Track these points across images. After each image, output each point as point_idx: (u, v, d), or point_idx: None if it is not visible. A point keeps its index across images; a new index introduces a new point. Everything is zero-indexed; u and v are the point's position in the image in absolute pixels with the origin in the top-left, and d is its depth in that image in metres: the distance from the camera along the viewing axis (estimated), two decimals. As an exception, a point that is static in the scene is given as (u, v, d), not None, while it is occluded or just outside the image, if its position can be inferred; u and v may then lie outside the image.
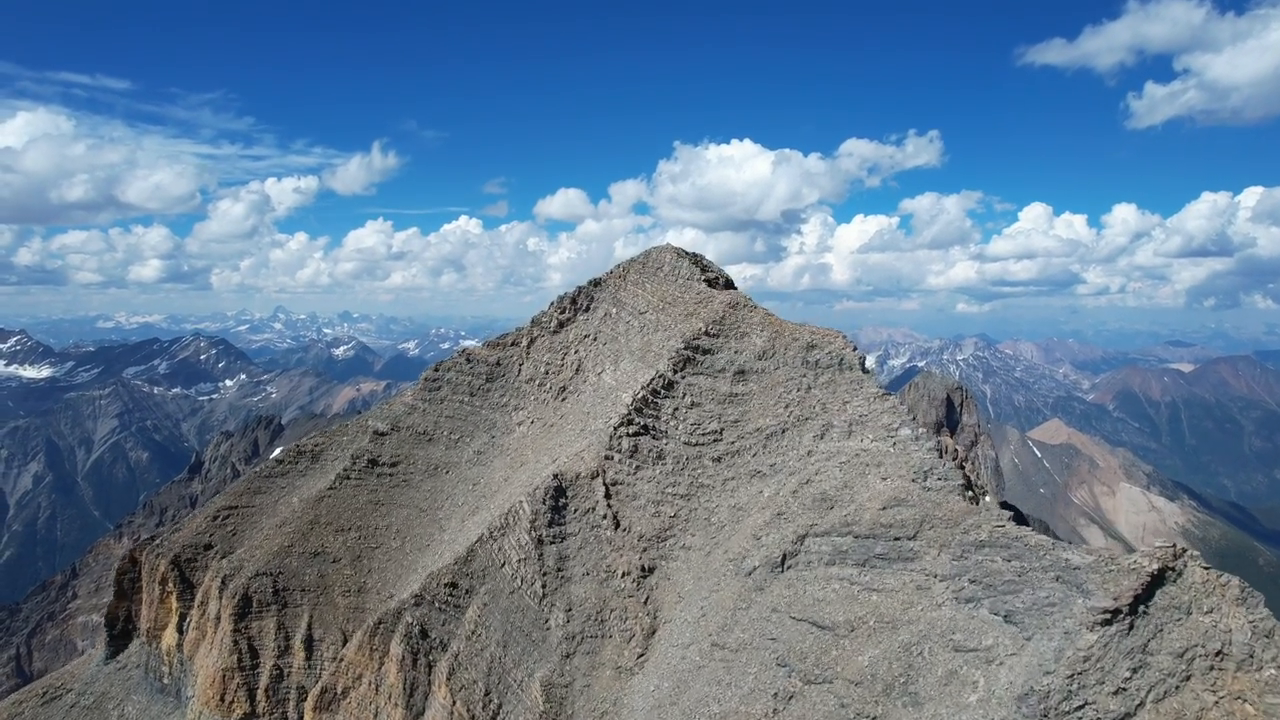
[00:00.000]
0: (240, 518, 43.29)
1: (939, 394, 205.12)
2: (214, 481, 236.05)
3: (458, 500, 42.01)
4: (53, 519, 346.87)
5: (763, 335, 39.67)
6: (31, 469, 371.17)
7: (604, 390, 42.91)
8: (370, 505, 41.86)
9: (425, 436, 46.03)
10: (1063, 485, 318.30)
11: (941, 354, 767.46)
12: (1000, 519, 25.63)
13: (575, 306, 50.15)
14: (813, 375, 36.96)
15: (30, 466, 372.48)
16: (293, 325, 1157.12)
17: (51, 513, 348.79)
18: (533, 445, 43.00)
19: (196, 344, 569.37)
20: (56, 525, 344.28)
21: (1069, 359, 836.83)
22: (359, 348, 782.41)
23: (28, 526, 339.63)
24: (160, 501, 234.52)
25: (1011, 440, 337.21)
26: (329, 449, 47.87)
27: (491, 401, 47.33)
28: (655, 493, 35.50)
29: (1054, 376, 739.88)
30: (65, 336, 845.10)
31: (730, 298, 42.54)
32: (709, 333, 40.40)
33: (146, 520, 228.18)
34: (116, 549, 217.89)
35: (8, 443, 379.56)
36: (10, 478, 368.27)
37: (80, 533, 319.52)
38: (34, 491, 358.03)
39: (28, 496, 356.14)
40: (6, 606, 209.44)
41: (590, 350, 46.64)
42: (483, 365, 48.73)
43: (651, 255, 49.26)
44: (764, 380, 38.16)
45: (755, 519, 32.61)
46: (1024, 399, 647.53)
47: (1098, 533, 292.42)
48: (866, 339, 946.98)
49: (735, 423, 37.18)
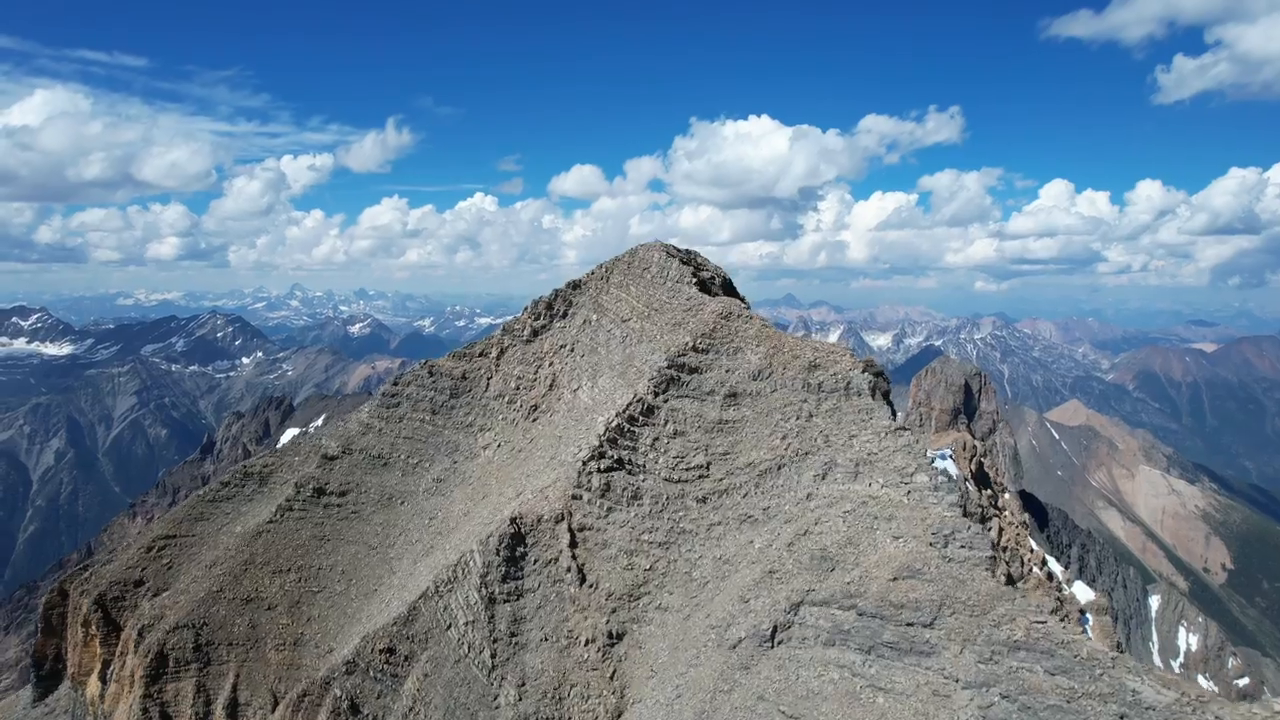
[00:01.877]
0: (178, 549, 38.79)
1: (957, 380, 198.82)
2: (225, 461, 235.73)
3: (412, 537, 37.45)
4: (74, 494, 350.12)
5: (758, 351, 34.57)
6: (53, 445, 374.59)
7: (579, 411, 38.10)
8: (314, 541, 37.32)
9: (380, 461, 41.18)
10: (1081, 468, 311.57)
11: (959, 333, 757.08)
12: (1040, 612, 20.52)
13: (551, 312, 45.20)
14: (815, 400, 31.88)
15: (52, 443, 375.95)
16: (309, 303, 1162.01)
17: (73, 488, 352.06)
18: (498, 474, 38.29)
19: (213, 321, 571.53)
20: (78, 501, 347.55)
21: (1088, 338, 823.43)
22: (375, 325, 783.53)
23: (50, 502, 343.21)
24: (174, 481, 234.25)
25: (1029, 422, 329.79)
26: (279, 470, 43.13)
27: (455, 421, 42.44)
28: (629, 540, 30.55)
29: (1073, 356, 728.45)
30: (86, 314, 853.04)
31: (723, 306, 37.47)
32: (697, 347, 35.40)
33: (160, 499, 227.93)
34: (131, 527, 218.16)
35: (30, 419, 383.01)
36: (33, 454, 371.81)
37: (101, 508, 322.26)
38: (56, 467, 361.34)
39: (50, 472, 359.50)
40: (25, 584, 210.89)
41: (566, 363, 41.81)
42: (447, 379, 43.72)
43: (638, 254, 44.15)
44: (759, 405, 33.11)
45: (743, 576, 27.76)
46: (1042, 379, 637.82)
47: (1116, 516, 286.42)
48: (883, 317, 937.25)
49: (724, 455, 32.17)
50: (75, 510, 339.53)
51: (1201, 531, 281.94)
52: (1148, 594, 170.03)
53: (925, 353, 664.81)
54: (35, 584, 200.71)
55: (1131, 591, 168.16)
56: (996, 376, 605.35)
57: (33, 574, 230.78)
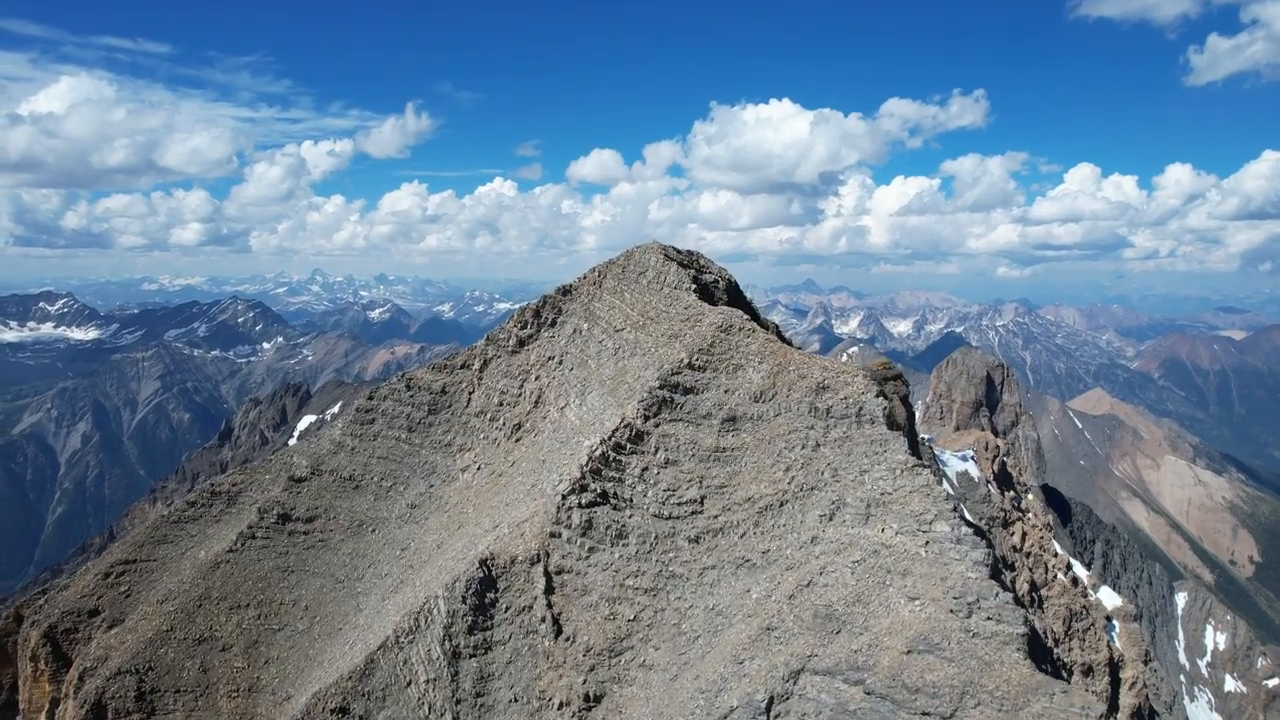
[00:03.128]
0: (137, 575, 36.12)
1: (979, 371, 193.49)
2: (243, 448, 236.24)
3: (381, 569, 34.64)
4: (100, 477, 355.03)
5: (761, 369, 30.92)
6: (80, 428, 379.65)
7: (565, 431, 34.96)
8: (276, 574, 34.56)
9: (351, 483, 38.06)
10: (1104, 458, 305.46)
11: (980, 319, 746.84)
12: (1088, 716, 17.11)
13: (539, 320, 41.50)
14: (822, 428, 28.33)
15: (79, 426, 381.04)
16: (330, 288, 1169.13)
17: (99, 471, 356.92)
18: (476, 501, 35.29)
19: (235, 307, 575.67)
20: (104, 483, 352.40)
21: (1113, 325, 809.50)
22: (394, 310, 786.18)
23: (77, 484, 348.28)
24: (192, 467, 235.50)
25: (1051, 411, 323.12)
26: (248, 490, 40.19)
27: (433, 440, 39.29)
28: (612, 585, 27.29)
29: (1097, 343, 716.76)
30: (112, 299, 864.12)
31: (723, 318, 33.59)
32: (693, 364, 31.71)
33: (180, 485, 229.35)
34: (151, 513, 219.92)
35: (57, 403, 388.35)
36: (60, 437, 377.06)
37: (126, 491, 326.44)
38: (82, 450, 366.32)
39: (77, 455, 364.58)
40: (50, 567, 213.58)
41: (554, 377, 38.48)
42: (425, 394, 40.47)
43: (634, 257, 40.52)
44: (760, 431, 29.62)
45: (738, 631, 24.43)
46: (1065, 366, 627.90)
47: (1140, 507, 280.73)
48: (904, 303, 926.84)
49: (721, 489, 28.82)
50: (102, 493, 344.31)
51: (1228, 524, 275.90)
52: (1173, 591, 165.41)
53: (946, 339, 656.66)
54: (60, 566, 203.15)
55: (1157, 589, 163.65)
56: (1018, 364, 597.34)
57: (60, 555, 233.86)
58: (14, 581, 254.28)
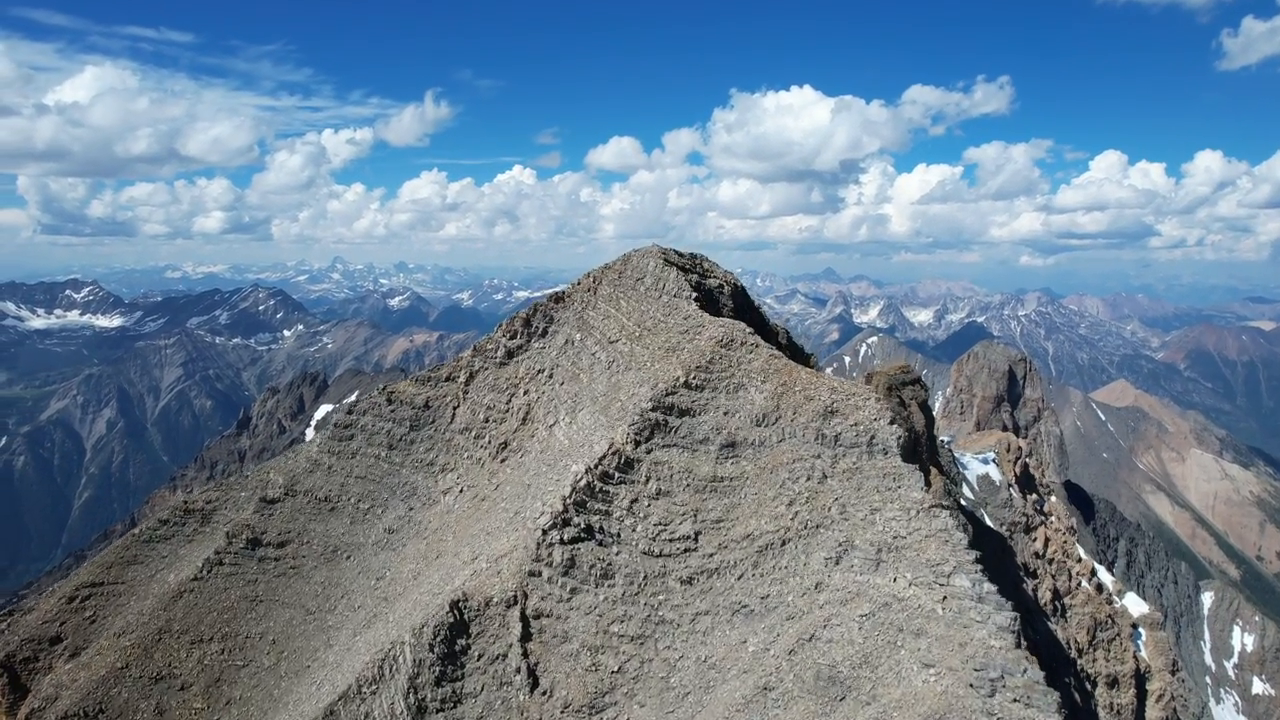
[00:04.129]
0: (104, 599, 34.20)
1: (1000, 365, 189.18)
2: (261, 437, 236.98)
3: (355, 600, 32.35)
4: (125, 463, 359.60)
5: (764, 390, 28.31)
6: (105, 414, 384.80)
7: (553, 452, 32.37)
8: (244, 604, 32.37)
9: (327, 505, 35.84)
10: (1128, 450, 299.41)
11: (1002, 309, 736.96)
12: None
13: (529, 330, 39.09)
14: (830, 457, 25.64)
15: (104, 412, 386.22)
16: (350, 275, 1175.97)
17: (124, 457, 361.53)
18: (456, 528, 32.83)
19: (256, 295, 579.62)
20: (129, 469, 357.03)
21: (1138, 315, 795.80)
22: (414, 298, 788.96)
23: (103, 470, 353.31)
24: (211, 455, 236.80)
25: (1074, 402, 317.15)
26: (223, 508, 38.07)
27: (415, 458, 36.99)
28: (595, 632, 24.86)
29: (1121, 334, 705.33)
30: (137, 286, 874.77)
31: (723, 332, 30.98)
32: (690, 383, 29.00)
33: (199, 474, 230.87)
34: (171, 500, 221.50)
35: (83, 389, 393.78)
36: (86, 423, 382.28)
37: (150, 476, 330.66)
38: (108, 436, 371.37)
39: (102, 441, 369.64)
40: (74, 552, 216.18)
41: (543, 392, 36.07)
42: (407, 408, 38.15)
43: (631, 262, 38.07)
44: (762, 458, 27.07)
45: (732, 689, 21.74)
46: (1088, 357, 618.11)
47: (1165, 501, 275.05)
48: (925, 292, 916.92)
49: (717, 524, 26.18)
50: (126, 478, 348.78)
51: (1256, 518, 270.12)
52: (1200, 590, 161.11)
53: (968, 329, 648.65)
54: (83, 552, 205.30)
55: (1183, 588, 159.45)
56: (1040, 354, 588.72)
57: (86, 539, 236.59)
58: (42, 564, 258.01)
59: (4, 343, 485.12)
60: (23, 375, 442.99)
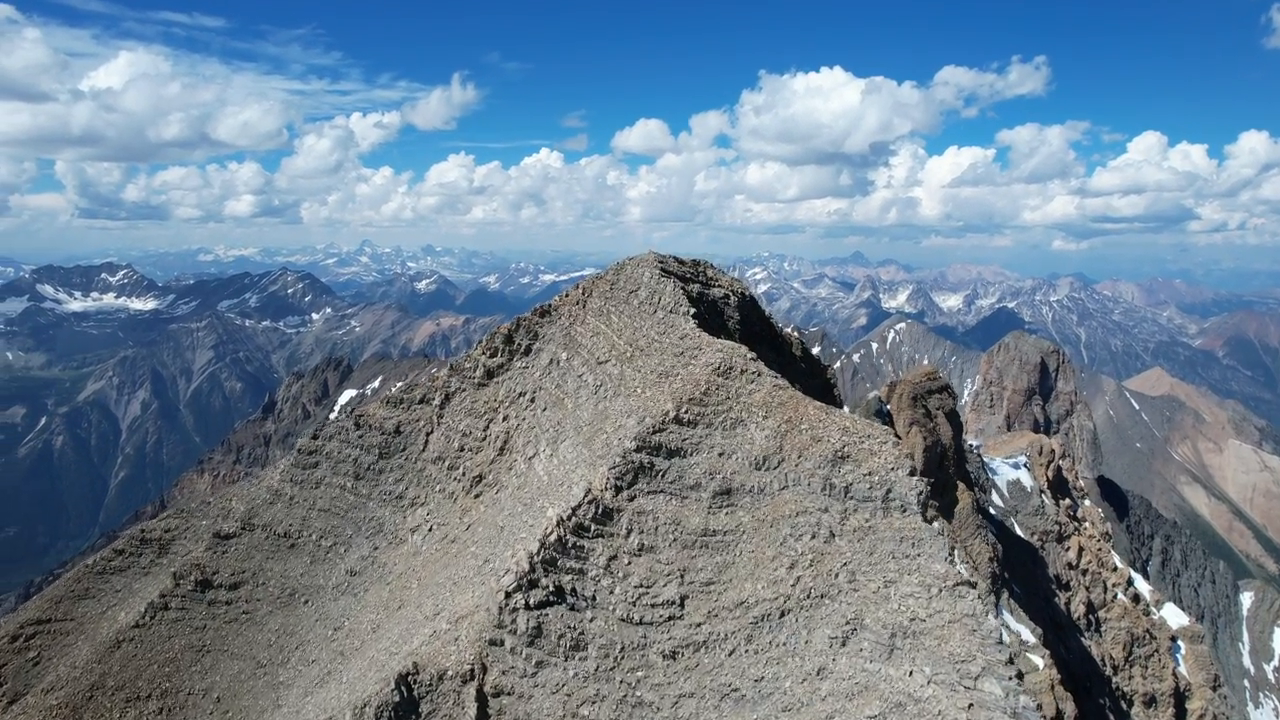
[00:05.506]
0: (50, 638, 31.50)
1: (1032, 357, 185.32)
2: (286, 421, 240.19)
3: (309, 653, 29.41)
4: (159, 443, 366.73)
5: (765, 427, 25.06)
6: (139, 396, 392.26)
7: (531, 489, 29.39)
8: (189, 655, 29.66)
9: (286, 541, 32.97)
10: (1163, 440, 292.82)
11: (1034, 294, 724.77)
12: None
13: (511, 347, 35.48)
14: (839, 512, 22.93)
15: (138, 394, 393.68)
16: (378, 259, 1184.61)
17: (158, 437, 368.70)
18: (422, 573, 30.05)
19: (285, 278, 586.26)
20: (163, 449, 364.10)
21: (1174, 301, 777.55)
22: (441, 281, 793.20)
23: (138, 450, 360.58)
24: (237, 440, 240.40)
25: (1107, 391, 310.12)
26: (182, 538, 35.01)
27: (382, 490, 33.91)
28: (562, 715, 22.08)
29: (1157, 320, 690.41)
30: (171, 269, 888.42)
31: (721, 357, 27.23)
32: (681, 418, 25.56)
33: (225, 457, 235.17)
34: (199, 483, 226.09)
35: (119, 371, 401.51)
36: (121, 404, 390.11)
37: (183, 456, 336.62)
38: (142, 417, 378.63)
39: (137, 422, 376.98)
40: (106, 534, 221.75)
41: (524, 418, 32.88)
42: (376, 434, 34.92)
43: (625, 271, 34.50)
44: (761, 508, 24.12)
45: (719, 794, 20.06)
46: (1122, 343, 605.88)
47: (1201, 493, 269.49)
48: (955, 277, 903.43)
49: (707, 587, 23.42)
50: (160, 458, 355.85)
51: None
52: (1239, 590, 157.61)
53: (998, 315, 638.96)
54: (115, 533, 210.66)
55: (1220, 588, 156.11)
56: (1072, 341, 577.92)
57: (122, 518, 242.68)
58: (80, 542, 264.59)
59: (43, 325, 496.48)
60: (61, 357, 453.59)
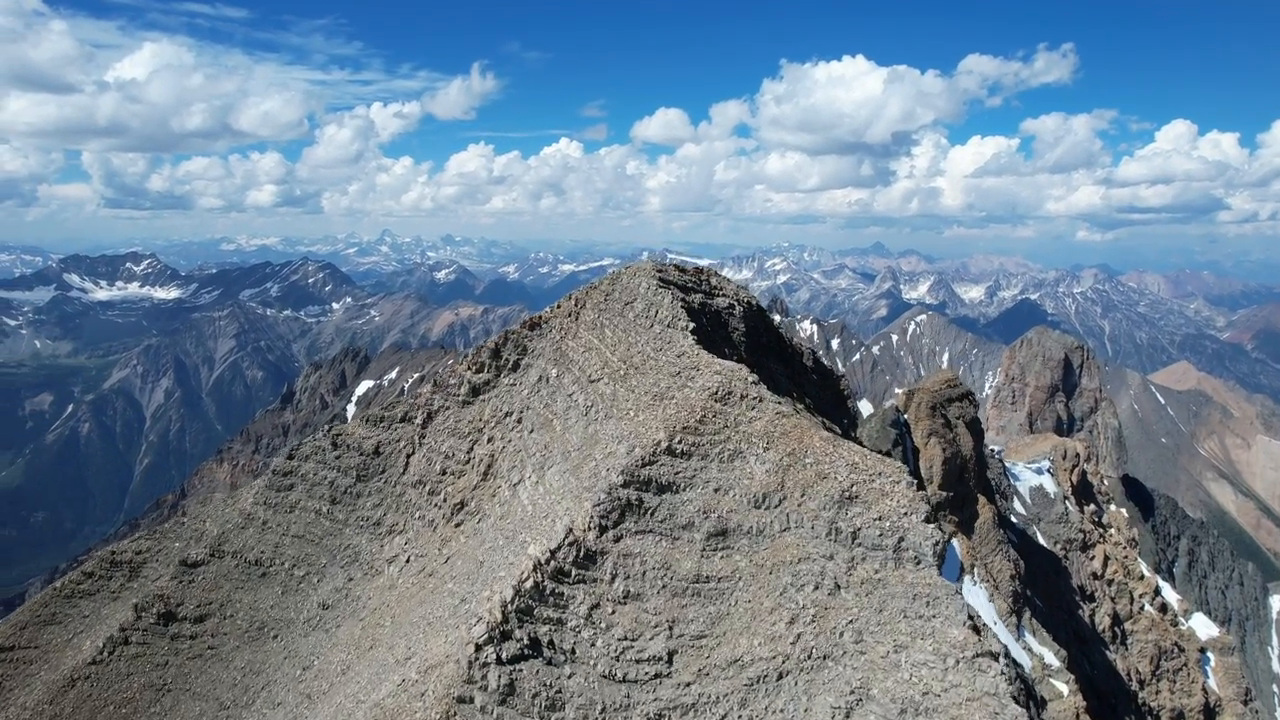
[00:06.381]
0: (12, 667, 30.22)
1: (1055, 353, 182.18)
2: (304, 411, 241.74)
3: (276, 694, 27.78)
4: (182, 431, 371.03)
5: (766, 461, 22.99)
6: (163, 384, 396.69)
7: (514, 520, 27.61)
8: (148, 694, 28.09)
9: (258, 569, 31.30)
10: (1189, 436, 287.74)
11: (1057, 285, 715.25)
12: None
13: (499, 363, 33.46)
14: (845, 560, 21.03)
15: (162, 382, 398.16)
16: (398, 248, 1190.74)
17: (181, 425, 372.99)
18: (396, 610, 28.30)
19: (305, 268, 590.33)
20: (185, 437, 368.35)
21: (1202, 293, 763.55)
22: (460, 271, 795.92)
23: (161, 438, 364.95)
24: (256, 429, 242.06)
25: (1131, 385, 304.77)
26: (154, 560, 33.28)
27: (359, 516, 32.10)
28: None
29: (1183, 312, 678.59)
30: (194, 258, 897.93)
31: (719, 381, 25.16)
32: (674, 449, 23.62)
33: (244, 447, 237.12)
34: (218, 472, 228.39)
35: (143, 359, 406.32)
36: (145, 392, 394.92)
37: (205, 444, 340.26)
38: (165, 405, 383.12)
39: (161, 410, 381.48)
40: (129, 521, 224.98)
41: (510, 440, 30.86)
42: (354, 454, 33.11)
43: (620, 281, 32.36)
44: (759, 553, 22.19)
45: None
46: (1147, 336, 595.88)
47: (1228, 490, 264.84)
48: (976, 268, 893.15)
49: (698, 641, 21.54)
50: (183, 446, 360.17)
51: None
52: (1268, 593, 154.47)
53: (1020, 306, 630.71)
54: (137, 521, 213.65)
55: (1249, 590, 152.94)
56: (1096, 333, 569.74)
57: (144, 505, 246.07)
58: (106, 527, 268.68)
59: (70, 314, 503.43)
60: (87, 345, 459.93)
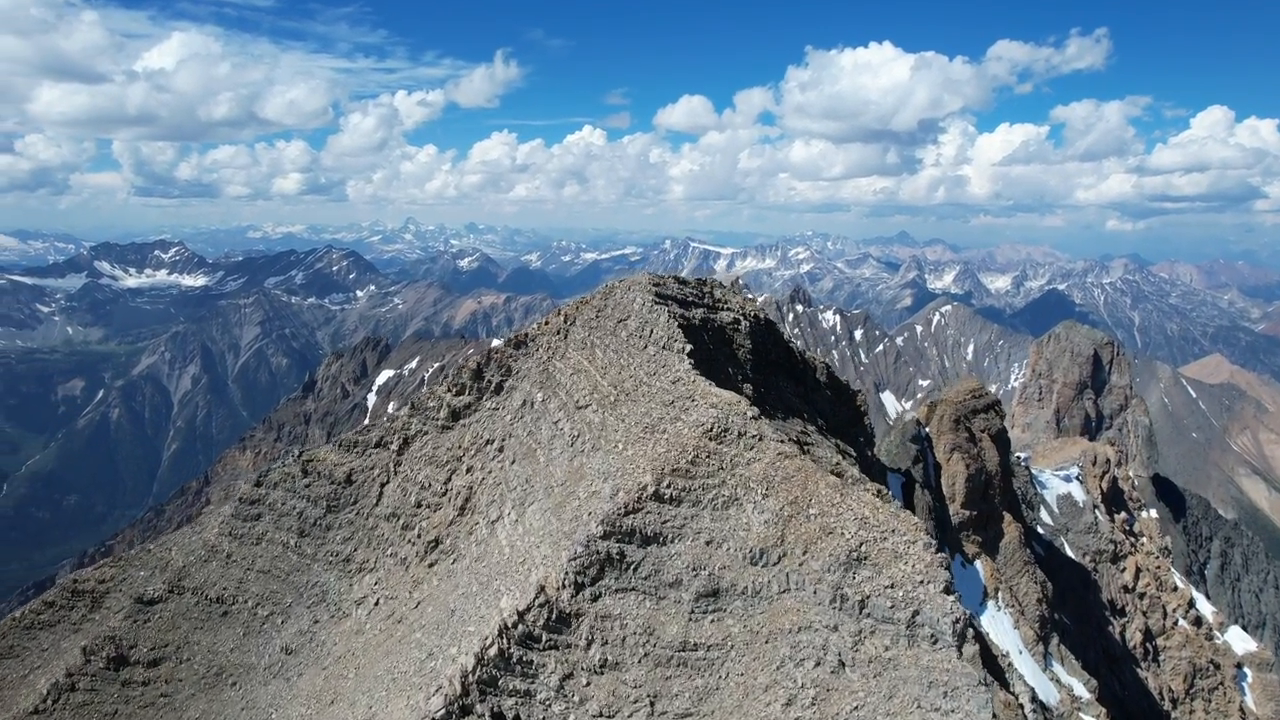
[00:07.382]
0: None
1: (1084, 349, 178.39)
2: (325, 400, 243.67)
3: None
4: (209, 417, 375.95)
5: (765, 510, 20.68)
6: (190, 371, 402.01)
7: (490, 564, 25.56)
8: None
9: (219, 608, 29.44)
10: (1221, 430, 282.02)
11: (1085, 276, 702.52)
12: None
13: (480, 385, 31.44)
14: (851, 632, 18.70)
15: (189, 369, 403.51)
16: (422, 236, 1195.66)
17: (208, 411, 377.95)
18: (361, 660, 26.58)
19: (330, 256, 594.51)
20: (212, 423, 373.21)
21: (1236, 283, 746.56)
22: (483, 259, 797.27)
23: (189, 423, 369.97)
24: (278, 418, 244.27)
25: (1161, 378, 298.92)
26: (116, 590, 31.20)
27: (329, 550, 30.14)
28: None
29: (1216, 303, 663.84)
30: (221, 246, 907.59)
31: (714, 418, 22.59)
32: (662, 494, 21.43)
33: (266, 435, 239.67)
34: (241, 460, 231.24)
35: (170, 346, 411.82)
36: (173, 378, 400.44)
37: (232, 431, 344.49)
38: (192, 392, 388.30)
39: (188, 396, 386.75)
40: (154, 507, 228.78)
41: (490, 470, 28.86)
42: (325, 483, 31.17)
43: (614, 296, 30.02)
44: (754, 618, 19.93)
45: None
46: (1178, 328, 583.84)
47: (1261, 486, 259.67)
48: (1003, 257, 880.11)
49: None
50: (210, 432, 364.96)
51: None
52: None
53: (1047, 297, 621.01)
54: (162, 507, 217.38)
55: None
56: (1126, 325, 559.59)
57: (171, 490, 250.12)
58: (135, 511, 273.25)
59: (100, 300, 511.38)
60: (117, 332, 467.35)
